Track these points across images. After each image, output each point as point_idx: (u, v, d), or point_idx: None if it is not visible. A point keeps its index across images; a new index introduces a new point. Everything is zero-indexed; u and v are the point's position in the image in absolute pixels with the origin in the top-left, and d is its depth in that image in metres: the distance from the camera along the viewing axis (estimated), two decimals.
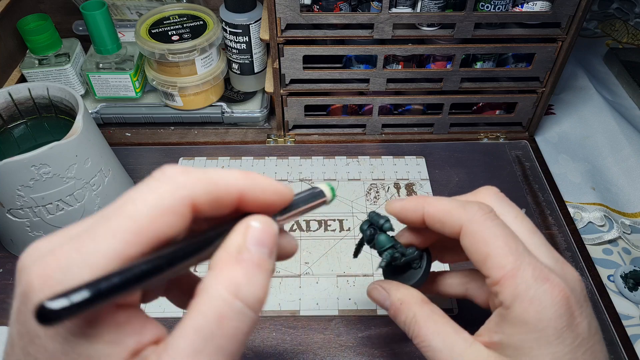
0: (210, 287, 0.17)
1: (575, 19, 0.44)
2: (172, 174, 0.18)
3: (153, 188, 0.17)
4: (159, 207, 0.17)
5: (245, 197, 0.19)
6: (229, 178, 0.19)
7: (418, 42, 0.47)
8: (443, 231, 0.26)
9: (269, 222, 0.19)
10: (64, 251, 0.16)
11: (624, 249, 0.45)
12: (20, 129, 0.43)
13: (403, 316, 0.27)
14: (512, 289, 0.22)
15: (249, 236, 0.18)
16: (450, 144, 0.53)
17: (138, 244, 0.16)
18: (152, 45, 0.48)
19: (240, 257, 0.18)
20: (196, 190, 0.18)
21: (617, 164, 0.52)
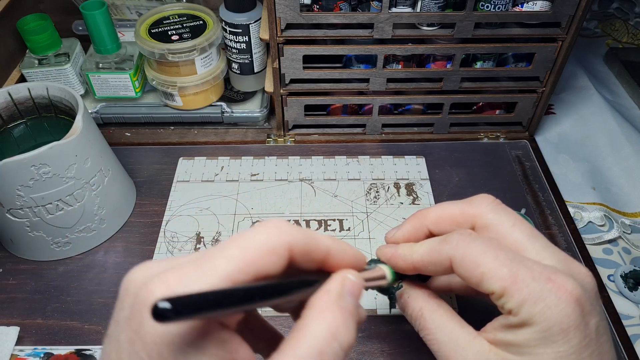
0: (313, 325, 0.19)
1: (575, 18, 0.44)
2: (279, 224, 0.20)
3: (262, 231, 0.20)
4: (266, 245, 0.19)
5: (331, 256, 0.22)
6: (321, 237, 0.22)
7: (418, 41, 0.47)
8: (437, 272, 0.27)
9: (360, 277, 0.22)
10: (184, 270, 0.18)
11: (624, 248, 0.45)
12: (20, 129, 0.43)
13: (410, 309, 0.28)
14: (517, 295, 0.23)
15: (346, 286, 0.21)
16: (450, 144, 0.53)
17: (246, 273, 0.19)
18: (152, 45, 0.48)
19: (339, 304, 0.20)
20: (296, 239, 0.20)
21: (617, 164, 0.52)
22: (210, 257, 0.19)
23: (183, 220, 0.45)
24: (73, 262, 0.42)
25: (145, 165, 0.50)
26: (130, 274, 0.19)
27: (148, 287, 0.18)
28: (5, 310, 0.39)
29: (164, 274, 0.18)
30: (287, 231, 0.20)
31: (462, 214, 0.28)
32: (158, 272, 0.19)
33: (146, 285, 0.18)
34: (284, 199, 0.47)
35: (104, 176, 0.41)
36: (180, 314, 0.15)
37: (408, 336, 0.37)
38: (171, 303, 0.15)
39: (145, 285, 0.18)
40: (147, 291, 0.18)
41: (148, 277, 0.18)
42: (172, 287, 0.18)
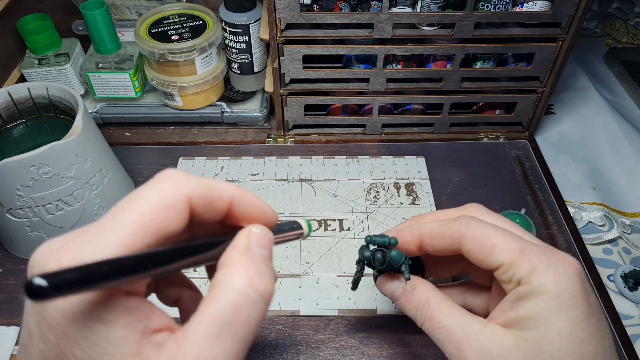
0: (225, 279, 0.19)
1: (575, 18, 0.44)
2: (174, 175, 0.19)
3: (156, 187, 0.19)
4: (162, 202, 0.18)
5: (235, 206, 0.21)
6: (224, 185, 0.21)
7: (418, 41, 0.47)
8: (442, 246, 0.27)
9: (267, 230, 0.22)
10: (76, 244, 0.17)
11: (624, 248, 0.45)
12: (20, 129, 0.43)
13: (416, 300, 0.27)
14: (527, 264, 0.24)
15: (252, 239, 0.21)
16: (450, 144, 0.53)
17: (143, 236, 0.18)
18: (152, 45, 0.48)
19: (248, 255, 0.20)
20: (194, 190, 0.19)
21: (617, 164, 0.52)
22: (103, 226, 0.18)
23: None
24: None
25: (145, 165, 0.50)
26: (33, 255, 0.18)
27: (42, 267, 0.17)
28: (5, 310, 0.39)
29: (57, 251, 0.17)
30: (183, 182, 0.19)
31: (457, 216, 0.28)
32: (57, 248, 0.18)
33: (41, 266, 0.17)
34: (284, 199, 0.47)
35: (104, 176, 0.41)
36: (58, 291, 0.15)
37: (408, 336, 0.37)
38: (47, 280, 0.14)
39: (41, 265, 0.17)
40: (39, 267, 0.17)
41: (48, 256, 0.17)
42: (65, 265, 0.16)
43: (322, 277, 0.41)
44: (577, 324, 0.23)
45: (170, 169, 0.20)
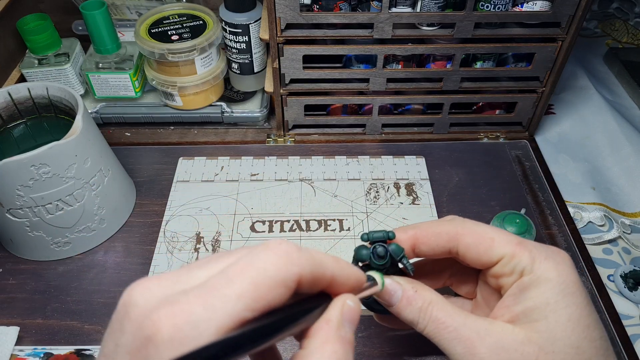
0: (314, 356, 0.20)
1: (575, 18, 0.44)
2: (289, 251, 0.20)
3: (272, 261, 0.19)
4: (276, 278, 0.19)
5: (335, 280, 0.22)
6: (327, 261, 0.21)
7: (418, 41, 0.47)
8: (437, 245, 0.27)
9: (358, 303, 0.22)
10: (191, 305, 0.17)
11: (624, 248, 0.45)
12: (20, 129, 0.43)
13: (419, 302, 0.26)
14: (528, 254, 0.25)
15: (345, 313, 0.21)
16: (450, 144, 0.53)
17: (255, 310, 0.18)
18: (152, 45, 0.48)
19: (339, 334, 0.21)
20: (305, 269, 0.20)
21: (617, 164, 0.52)
22: (219, 289, 0.18)
23: (183, 220, 0.45)
24: (73, 262, 0.42)
25: (145, 165, 0.50)
26: (131, 295, 0.18)
27: (154, 321, 0.17)
28: (5, 310, 0.39)
29: (170, 307, 0.17)
30: (297, 262, 0.19)
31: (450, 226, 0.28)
32: (160, 296, 0.18)
33: (150, 319, 0.17)
34: (284, 199, 0.47)
35: (103, 176, 0.41)
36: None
37: (408, 337, 0.37)
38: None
39: (150, 317, 0.17)
40: (153, 326, 0.17)
41: (152, 304, 0.17)
42: (178, 327, 0.17)
43: None
44: (583, 309, 0.24)
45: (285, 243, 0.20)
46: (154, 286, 0.18)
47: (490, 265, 0.26)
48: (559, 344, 0.23)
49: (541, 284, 0.24)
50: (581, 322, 0.24)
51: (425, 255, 0.29)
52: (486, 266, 0.26)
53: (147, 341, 0.17)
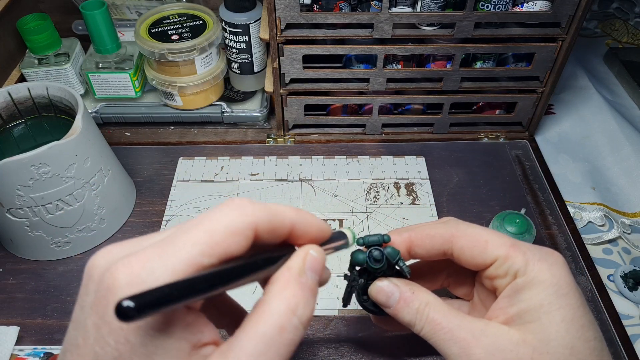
0: (274, 301, 0.20)
1: (575, 18, 0.44)
2: (242, 204, 0.20)
3: (225, 212, 0.20)
4: (231, 227, 0.19)
5: (296, 229, 0.22)
6: (285, 211, 0.22)
7: (418, 41, 0.47)
8: (432, 247, 0.27)
9: (322, 253, 0.23)
10: (147, 255, 0.18)
11: (624, 248, 0.45)
12: (20, 129, 0.43)
13: (416, 303, 0.27)
14: (521, 256, 0.25)
15: (308, 262, 0.22)
16: (450, 144, 0.53)
17: (211, 256, 0.19)
18: (152, 44, 0.48)
19: (300, 280, 0.21)
20: (260, 218, 0.20)
21: (617, 164, 0.52)
22: (174, 240, 0.19)
23: (183, 220, 0.45)
24: (73, 262, 0.42)
25: (145, 165, 0.50)
26: (93, 259, 0.19)
27: (112, 272, 0.18)
28: (5, 310, 0.39)
29: (127, 258, 0.18)
30: (251, 212, 0.20)
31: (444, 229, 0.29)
32: (121, 256, 0.18)
33: (109, 271, 0.18)
34: (283, 199, 0.47)
35: (103, 176, 0.41)
36: (143, 312, 0.15)
37: (407, 337, 0.37)
38: (134, 301, 0.15)
39: (109, 270, 0.18)
40: (111, 277, 0.18)
41: (111, 262, 0.18)
42: (135, 273, 0.17)
43: None
44: (576, 310, 0.24)
45: (238, 198, 0.21)
46: (114, 249, 0.20)
47: (484, 267, 0.26)
48: (553, 345, 0.23)
49: (535, 286, 0.24)
50: (575, 323, 0.24)
51: (421, 258, 0.29)
52: (480, 268, 0.27)
53: (107, 292, 0.18)
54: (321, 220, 0.24)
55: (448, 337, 0.25)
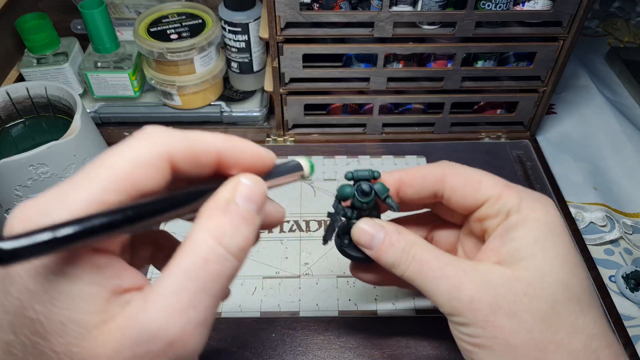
0: (196, 233, 0.18)
1: (576, 17, 0.44)
2: (152, 132, 0.19)
3: (133, 144, 0.18)
4: (137, 159, 0.18)
5: (225, 157, 0.20)
6: (209, 138, 0.20)
7: (419, 40, 0.46)
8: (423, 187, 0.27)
9: (259, 181, 0.20)
10: (45, 198, 0.17)
11: (626, 249, 0.44)
12: (18, 129, 0.43)
13: (402, 243, 0.25)
14: (515, 195, 0.25)
15: (238, 191, 0.20)
16: (451, 144, 0.53)
17: (116, 192, 0.17)
18: (151, 44, 0.48)
19: (227, 209, 0.19)
20: (174, 147, 0.19)
21: (618, 164, 0.51)
22: (75, 182, 0.17)
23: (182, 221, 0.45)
24: None
25: None
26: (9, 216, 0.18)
27: (9, 219, 0.17)
28: None
29: (24, 203, 0.17)
30: (161, 141, 0.18)
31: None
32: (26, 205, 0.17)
33: (10, 224, 0.17)
34: (283, 199, 0.47)
35: None
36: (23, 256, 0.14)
37: (409, 338, 0.37)
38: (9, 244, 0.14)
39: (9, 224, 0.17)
40: (8, 224, 0.17)
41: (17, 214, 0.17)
42: (29, 218, 0.16)
43: (322, 278, 0.40)
44: (570, 249, 0.24)
45: (150, 126, 0.19)
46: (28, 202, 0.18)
47: (476, 207, 0.26)
48: (547, 280, 0.23)
49: (528, 223, 0.24)
50: (569, 261, 0.23)
51: (410, 200, 0.28)
52: (472, 208, 0.26)
53: None
54: (261, 147, 0.21)
55: (437, 275, 0.24)
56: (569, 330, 0.22)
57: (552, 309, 0.22)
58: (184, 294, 0.17)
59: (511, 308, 0.22)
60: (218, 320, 0.38)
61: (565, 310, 0.23)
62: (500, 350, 0.22)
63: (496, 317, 0.22)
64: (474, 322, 0.23)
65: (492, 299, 0.22)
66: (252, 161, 0.21)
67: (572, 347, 0.22)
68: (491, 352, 0.22)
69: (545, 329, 0.22)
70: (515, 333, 0.22)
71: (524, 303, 0.22)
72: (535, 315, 0.22)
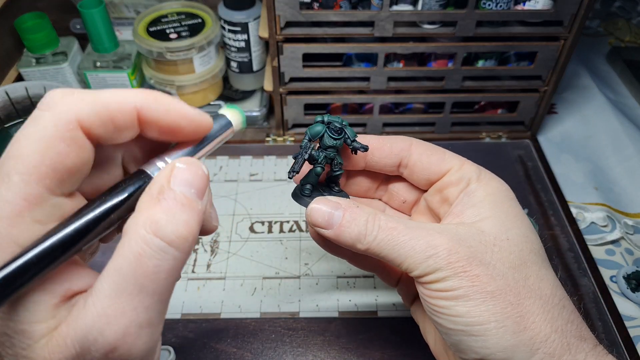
0: (130, 228, 0.17)
1: (577, 17, 0.44)
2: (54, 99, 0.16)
3: (36, 121, 0.16)
4: (44, 139, 0.16)
5: (146, 116, 0.18)
6: (122, 94, 0.17)
7: (419, 40, 0.46)
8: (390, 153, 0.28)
9: (196, 163, 0.18)
10: None
11: (627, 249, 0.44)
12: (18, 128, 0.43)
13: (365, 215, 0.25)
14: (474, 168, 0.27)
15: (173, 176, 0.18)
16: (451, 144, 0.52)
17: (38, 182, 0.16)
18: (150, 43, 0.48)
19: (161, 197, 0.17)
20: (83, 112, 0.16)
21: (619, 164, 0.51)
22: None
23: None
24: None
25: None
26: None
27: None
28: None
29: None
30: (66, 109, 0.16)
31: None
32: None
33: None
34: (283, 199, 0.46)
35: None
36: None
37: (409, 338, 0.37)
38: None
39: None
40: None
41: None
42: None
43: (322, 278, 0.40)
44: (523, 212, 0.26)
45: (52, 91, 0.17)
46: None
47: (439, 175, 0.27)
48: (512, 233, 0.25)
49: (488, 188, 0.26)
50: (525, 220, 0.26)
51: (375, 167, 0.29)
52: (434, 177, 0.28)
53: None
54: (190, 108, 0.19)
55: (410, 236, 0.24)
56: (537, 277, 0.24)
57: (519, 258, 0.24)
58: (120, 296, 0.16)
59: (485, 258, 0.23)
60: (218, 321, 0.37)
61: (530, 259, 0.24)
62: (478, 297, 0.23)
63: (472, 266, 0.23)
64: (453, 274, 0.23)
65: (467, 251, 0.23)
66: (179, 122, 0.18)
67: (542, 292, 0.24)
68: (469, 302, 0.23)
69: (517, 275, 0.24)
70: (491, 279, 0.23)
71: (495, 252, 0.24)
72: (506, 263, 0.24)
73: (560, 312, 0.23)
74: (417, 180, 0.29)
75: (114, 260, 0.16)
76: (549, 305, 0.23)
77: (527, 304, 0.23)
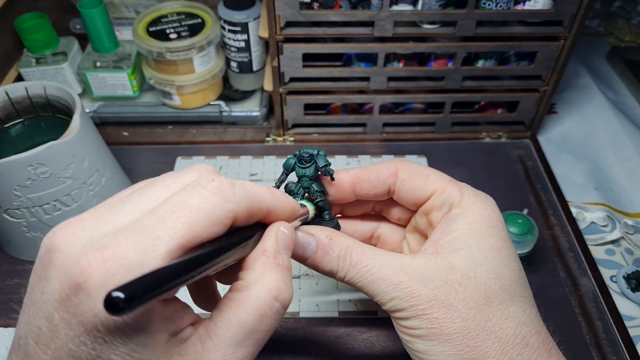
0: (254, 286, 0.20)
1: (577, 17, 0.44)
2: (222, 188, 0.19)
3: (206, 198, 0.19)
4: (211, 217, 0.18)
5: (271, 213, 0.22)
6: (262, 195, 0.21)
7: (419, 40, 0.46)
8: (377, 181, 0.28)
9: (292, 230, 0.23)
10: (123, 249, 0.17)
11: (627, 249, 0.44)
12: (17, 129, 0.43)
13: (336, 249, 0.26)
14: (458, 189, 0.27)
15: (280, 241, 0.22)
16: (451, 144, 0.52)
17: (187, 249, 0.18)
18: (150, 43, 0.48)
19: (276, 262, 0.21)
20: (240, 207, 0.20)
21: (619, 164, 0.51)
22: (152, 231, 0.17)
23: None
24: None
25: (143, 165, 0.50)
26: (54, 240, 0.18)
27: (82, 266, 0.16)
28: (3, 311, 0.39)
29: (99, 251, 0.16)
30: (232, 199, 0.19)
31: None
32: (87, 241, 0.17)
33: (79, 264, 0.16)
34: None
35: (101, 176, 0.41)
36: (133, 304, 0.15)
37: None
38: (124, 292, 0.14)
39: (78, 263, 0.16)
40: (83, 272, 0.16)
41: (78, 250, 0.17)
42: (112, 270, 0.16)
43: (322, 278, 0.40)
44: (504, 241, 0.25)
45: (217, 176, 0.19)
46: (77, 230, 0.18)
47: (423, 199, 0.27)
48: (480, 270, 0.24)
49: (467, 216, 0.26)
50: (502, 252, 0.25)
51: (366, 195, 0.29)
52: (420, 201, 0.28)
53: (77, 289, 0.16)
54: (292, 200, 0.24)
55: (376, 277, 0.25)
56: (500, 317, 0.24)
57: (484, 298, 0.24)
58: (241, 345, 0.19)
59: (447, 299, 0.24)
60: None
61: (497, 298, 0.24)
62: (436, 339, 0.23)
63: (433, 309, 0.24)
64: (414, 315, 0.24)
65: (430, 292, 0.24)
66: (289, 216, 0.23)
67: (502, 333, 0.23)
68: (428, 342, 0.24)
69: (479, 317, 0.24)
70: (450, 322, 0.23)
71: (459, 293, 0.24)
72: (469, 304, 0.24)
73: (520, 353, 0.23)
74: (406, 204, 0.29)
75: (237, 312, 0.19)
76: (508, 346, 0.23)
77: (485, 347, 0.23)
